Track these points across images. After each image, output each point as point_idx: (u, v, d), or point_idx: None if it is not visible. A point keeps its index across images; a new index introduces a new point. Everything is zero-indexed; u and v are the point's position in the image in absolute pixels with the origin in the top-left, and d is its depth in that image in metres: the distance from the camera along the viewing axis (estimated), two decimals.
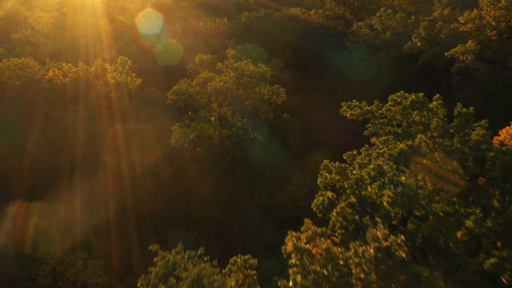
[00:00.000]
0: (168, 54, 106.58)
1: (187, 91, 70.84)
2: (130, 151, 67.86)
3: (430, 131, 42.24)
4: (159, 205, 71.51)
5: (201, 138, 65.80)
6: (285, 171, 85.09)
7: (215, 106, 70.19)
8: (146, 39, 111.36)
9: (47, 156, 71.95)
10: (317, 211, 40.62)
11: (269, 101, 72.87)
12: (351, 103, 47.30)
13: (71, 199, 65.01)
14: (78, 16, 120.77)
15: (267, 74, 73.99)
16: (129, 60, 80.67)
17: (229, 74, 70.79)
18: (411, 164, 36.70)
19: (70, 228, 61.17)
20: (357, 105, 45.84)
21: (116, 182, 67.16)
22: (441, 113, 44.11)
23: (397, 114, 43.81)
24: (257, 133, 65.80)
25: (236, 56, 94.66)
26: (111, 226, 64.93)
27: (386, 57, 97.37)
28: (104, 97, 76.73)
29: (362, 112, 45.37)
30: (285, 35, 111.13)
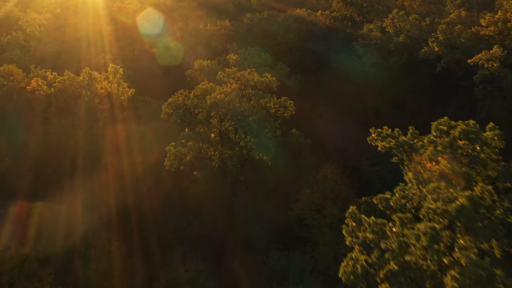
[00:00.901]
0: (166, 57, 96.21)
1: (183, 104, 60.49)
2: (117, 178, 58.24)
3: (486, 170, 31.88)
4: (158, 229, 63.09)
5: (200, 160, 55.46)
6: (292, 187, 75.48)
7: (215, 121, 59.92)
8: (143, 42, 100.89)
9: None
10: (345, 279, 30.05)
11: (275, 115, 62.54)
12: (382, 131, 36.75)
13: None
14: (72, 17, 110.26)
15: (273, 84, 63.64)
16: (120, 69, 70.24)
17: (231, 86, 60.47)
18: (474, 224, 26.46)
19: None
20: (390, 135, 35.34)
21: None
22: (499, 145, 33.63)
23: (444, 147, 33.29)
24: (262, 153, 55.55)
25: (239, 62, 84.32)
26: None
27: (400, 62, 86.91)
28: (92, 109, 66.42)
29: (397, 144, 34.83)
30: (290, 38, 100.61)
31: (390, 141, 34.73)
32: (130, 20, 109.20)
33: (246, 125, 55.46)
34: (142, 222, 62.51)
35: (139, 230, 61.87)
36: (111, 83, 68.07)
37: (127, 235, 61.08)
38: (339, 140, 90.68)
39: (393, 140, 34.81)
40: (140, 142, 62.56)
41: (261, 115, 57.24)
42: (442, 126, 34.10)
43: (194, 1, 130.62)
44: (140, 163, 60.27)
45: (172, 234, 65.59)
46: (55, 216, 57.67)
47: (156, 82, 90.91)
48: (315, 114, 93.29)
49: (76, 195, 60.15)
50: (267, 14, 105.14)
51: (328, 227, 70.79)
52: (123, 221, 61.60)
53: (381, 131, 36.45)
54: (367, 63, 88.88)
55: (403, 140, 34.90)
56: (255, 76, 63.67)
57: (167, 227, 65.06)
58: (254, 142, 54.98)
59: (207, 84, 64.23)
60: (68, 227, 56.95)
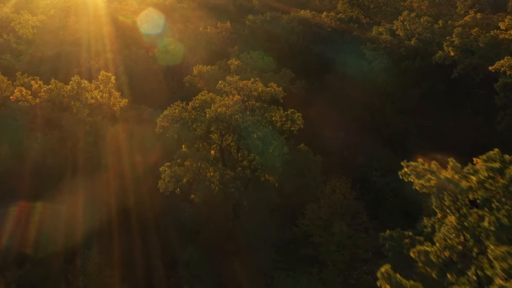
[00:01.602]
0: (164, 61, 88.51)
1: (180, 118, 52.82)
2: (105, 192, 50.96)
3: None
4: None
5: (198, 182, 47.80)
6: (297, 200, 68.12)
7: (216, 137, 52.28)
8: (140, 45, 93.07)
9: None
10: None
11: (281, 128, 54.86)
12: (418, 164, 28.85)
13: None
14: (67, 19, 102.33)
15: (279, 95, 55.95)
16: (112, 77, 62.49)
17: (233, 97, 52.79)
18: None
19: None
20: (429, 169, 27.52)
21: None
22: None
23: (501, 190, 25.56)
24: (268, 174, 47.97)
25: (241, 67, 76.63)
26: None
27: (412, 67, 79.17)
28: (81, 121, 58.77)
29: (441, 181, 26.99)
30: (294, 41, 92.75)
31: (430, 178, 27.03)
32: (127, 21, 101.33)
33: (250, 142, 47.85)
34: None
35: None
36: (102, 92, 60.31)
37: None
38: (347, 149, 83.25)
39: (433, 178, 27.08)
40: (132, 159, 54.97)
41: (267, 131, 49.54)
42: (493, 163, 26.14)
43: (194, 2, 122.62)
44: (131, 185, 52.76)
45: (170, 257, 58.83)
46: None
47: (154, 88, 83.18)
48: (321, 122, 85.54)
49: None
50: (269, 16, 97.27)
51: (337, 245, 63.64)
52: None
53: (417, 165, 28.53)
54: (377, 68, 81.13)
55: (446, 178, 27.09)
56: (259, 86, 55.95)
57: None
58: (258, 162, 47.38)
59: (206, 94, 56.55)
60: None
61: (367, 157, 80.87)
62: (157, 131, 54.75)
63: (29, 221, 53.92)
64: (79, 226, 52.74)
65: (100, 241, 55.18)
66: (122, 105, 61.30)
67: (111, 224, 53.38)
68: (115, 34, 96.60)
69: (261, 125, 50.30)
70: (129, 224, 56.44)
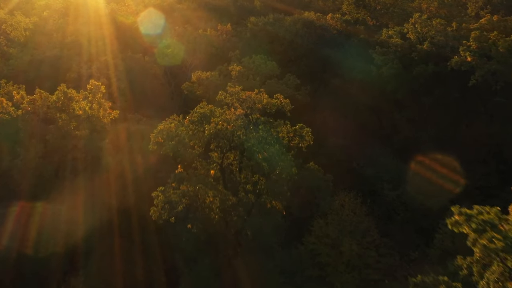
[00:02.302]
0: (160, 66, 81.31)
1: (176, 134, 45.58)
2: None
3: None
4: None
5: (195, 208, 40.60)
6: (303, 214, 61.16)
7: (216, 155, 45.05)
8: (136, 48, 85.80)
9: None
10: None
11: (288, 145, 47.64)
12: (474, 212, 21.55)
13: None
14: (60, 21, 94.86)
15: (286, 108, 48.70)
16: (102, 86, 55.16)
17: (235, 111, 45.55)
18: None
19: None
20: (489, 222, 20.32)
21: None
22: None
23: None
24: (275, 199, 40.82)
25: (243, 73, 69.38)
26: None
27: (424, 73, 71.82)
28: (68, 135, 51.57)
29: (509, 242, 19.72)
30: (298, 44, 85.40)
31: (493, 237, 19.94)
32: (124, 23, 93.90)
33: (255, 164, 40.68)
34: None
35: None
36: (91, 103, 53.03)
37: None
38: (355, 159, 76.09)
39: (498, 236, 19.93)
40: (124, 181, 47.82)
41: (273, 150, 42.34)
42: None
43: (194, 3, 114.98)
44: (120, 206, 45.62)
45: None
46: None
47: (151, 94, 76.07)
48: (327, 129, 78.52)
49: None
50: (272, 18, 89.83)
51: (346, 265, 57.06)
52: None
53: (471, 213, 21.38)
54: (387, 73, 73.76)
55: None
56: (264, 97, 48.70)
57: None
58: (264, 186, 40.25)
59: (205, 106, 49.26)
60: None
61: (376, 168, 73.75)
62: (150, 148, 47.53)
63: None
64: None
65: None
66: (112, 117, 53.99)
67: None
68: (111, 36, 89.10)
69: (267, 144, 42.99)
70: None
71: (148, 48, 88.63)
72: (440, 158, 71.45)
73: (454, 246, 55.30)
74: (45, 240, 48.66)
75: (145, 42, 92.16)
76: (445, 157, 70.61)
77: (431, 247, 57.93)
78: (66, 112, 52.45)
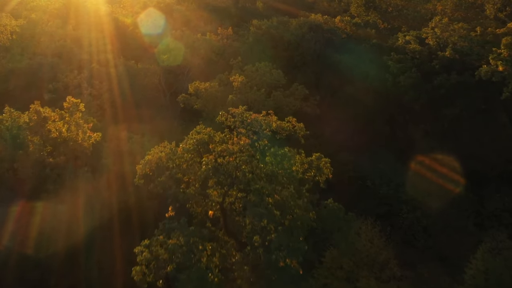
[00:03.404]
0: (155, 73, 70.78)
1: (167, 167, 35.37)
2: None
3: None
4: None
5: (189, 268, 30.34)
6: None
7: (215, 194, 34.83)
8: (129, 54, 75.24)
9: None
10: None
11: (303, 177, 37.41)
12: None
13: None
14: (50, 24, 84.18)
15: (300, 133, 38.43)
16: (81, 104, 44.65)
17: (240, 140, 35.30)
18: None
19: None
20: None
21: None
22: None
23: None
24: (289, 257, 30.67)
25: (246, 84, 58.99)
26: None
27: (447, 83, 61.50)
28: (39, 163, 41.23)
29: None
30: (305, 49, 74.90)
31: None
32: (117, 27, 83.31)
33: (264, 211, 30.50)
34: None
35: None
36: (69, 124, 42.61)
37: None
38: (369, 177, 65.99)
39: None
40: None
41: (287, 194, 32.17)
42: None
43: (193, 3, 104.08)
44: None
45: None
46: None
47: (144, 105, 65.53)
48: (337, 143, 68.42)
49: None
50: (276, 21, 79.17)
51: None
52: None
53: None
54: (404, 83, 63.46)
55: None
56: (273, 120, 38.42)
57: None
58: (276, 242, 30.11)
59: (203, 129, 39.01)
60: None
61: (392, 187, 63.79)
62: (136, 182, 37.31)
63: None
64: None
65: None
66: (93, 141, 43.56)
67: None
68: (103, 41, 78.52)
69: (278, 184, 32.79)
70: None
71: (142, 54, 78.22)
72: (463, 176, 61.92)
73: (488, 284, 45.90)
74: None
75: (140, 47, 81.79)
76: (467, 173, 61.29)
77: (460, 283, 48.15)
78: (40, 135, 41.95)
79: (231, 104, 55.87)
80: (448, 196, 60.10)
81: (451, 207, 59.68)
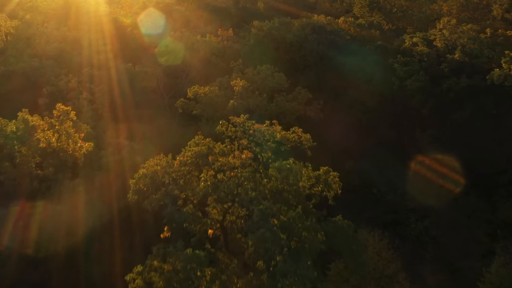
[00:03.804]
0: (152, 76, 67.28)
1: (162, 182, 31.92)
2: None
3: None
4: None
5: None
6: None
7: (215, 212, 31.42)
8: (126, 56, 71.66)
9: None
10: None
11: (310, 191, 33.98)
12: None
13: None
14: (45, 24, 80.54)
15: (306, 144, 35.00)
16: (72, 112, 41.17)
17: (241, 154, 31.88)
18: None
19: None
20: None
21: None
22: None
23: None
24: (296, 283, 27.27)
25: (247, 89, 55.50)
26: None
27: (456, 86, 58.08)
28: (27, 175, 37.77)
29: None
30: (308, 51, 71.40)
31: None
32: (114, 27, 79.73)
33: (269, 234, 27.09)
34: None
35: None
36: (59, 134, 39.15)
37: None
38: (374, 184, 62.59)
39: None
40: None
41: (293, 215, 28.78)
42: None
43: (193, 4, 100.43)
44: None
45: None
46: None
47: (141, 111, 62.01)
48: (341, 149, 64.98)
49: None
50: (278, 22, 75.60)
51: None
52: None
53: None
54: (412, 87, 60.04)
55: None
56: (277, 131, 34.96)
57: None
58: (282, 267, 26.74)
59: (201, 141, 35.54)
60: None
61: (399, 194, 60.46)
62: (130, 198, 33.90)
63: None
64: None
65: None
66: (85, 151, 40.09)
67: None
68: (99, 42, 74.93)
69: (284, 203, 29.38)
70: None
71: (141, 55, 74.74)
72: (472, 183, 58.57)
73: None
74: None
75: (139, 48, 78.31)
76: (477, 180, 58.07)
77: None
78: (28, 145, 38.47)
79: (231, 109, 52.52)
80: (458, 204, 56.93)
81: (461, 215, 56.40)
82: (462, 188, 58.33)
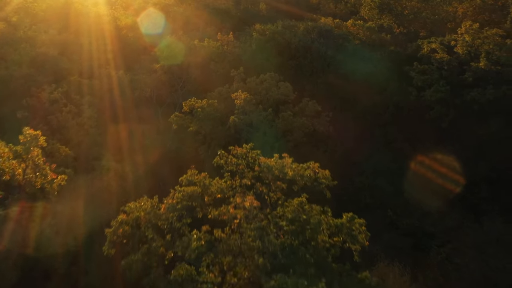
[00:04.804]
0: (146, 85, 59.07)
1: (143, 236, 23.97)
2: None
3: None
4: None
5: None
6: None
7: (212, 276, 23.62)
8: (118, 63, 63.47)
9: None
10: None
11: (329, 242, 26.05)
12: None
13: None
14: (33, 28, 72.17)
15: (323, 183, 27.07)
16: (41, 137, 33.01)
17: (245, 198, 24.03)
18: None
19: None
20: None
21: None
22: None
23: None
24: None
25: (249, 101, 47.37)
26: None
27: (482, 99, 50.07)
28: None
29: None
30: (314, 57, 63.21)
31: None
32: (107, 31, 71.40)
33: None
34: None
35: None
36: (26, 164, 31.10)
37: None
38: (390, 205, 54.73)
39: None
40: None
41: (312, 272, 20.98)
42: None
43: (191, 5, 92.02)
44: None
45: None
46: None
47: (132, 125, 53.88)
48: (351, 165, 57.19)
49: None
50: (282, 25, 67.32)
51: None
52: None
53: None
54: (431, 98, 52.03)
55: None
56: (288, 166, 26.99)
57: None
58: None
59: (195, 177, 27.62)
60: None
61: (418, 217, 52.70)
62: (105, 252, 25.95)
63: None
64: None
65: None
66: (57, 185, 32.06)
67: None
68: (90, 47, 66.69)
69: (299, 258, 21.46)
70: None
71: (134, 61, 66.57)
72: (501, 207, 50.99)
73: None
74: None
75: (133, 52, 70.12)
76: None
77: None
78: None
79: (232, 126, 44.58)
80: (483, 228, 49.24)
81: (487, 242, 48.58)
82: (488, 211, 50.96)
